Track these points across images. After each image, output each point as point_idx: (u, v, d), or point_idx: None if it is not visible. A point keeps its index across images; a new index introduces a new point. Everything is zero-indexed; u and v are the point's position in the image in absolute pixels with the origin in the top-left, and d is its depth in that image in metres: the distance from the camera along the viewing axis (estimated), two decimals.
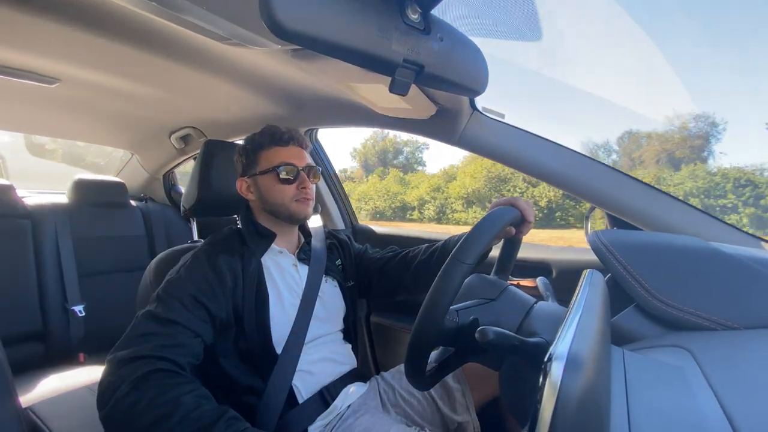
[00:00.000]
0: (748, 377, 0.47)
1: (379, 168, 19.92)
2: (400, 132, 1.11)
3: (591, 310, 0.41)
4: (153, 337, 0.67)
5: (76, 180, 1.66)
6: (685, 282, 0.64)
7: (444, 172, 17.81)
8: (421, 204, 16.52)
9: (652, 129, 17.60)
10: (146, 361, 0.63)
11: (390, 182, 18.04)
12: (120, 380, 0.61)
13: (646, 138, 15.75)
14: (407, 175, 18.69)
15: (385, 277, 1.01)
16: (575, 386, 0.30)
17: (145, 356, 0.64)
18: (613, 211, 0.85)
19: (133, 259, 1.69)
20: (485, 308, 0.62)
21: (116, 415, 0.60)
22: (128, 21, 0.77)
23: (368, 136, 22.79)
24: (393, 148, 21.14)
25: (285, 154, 0.87)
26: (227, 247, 0.84)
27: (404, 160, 21.12)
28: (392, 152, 21.14)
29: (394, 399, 0.91)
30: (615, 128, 32.58)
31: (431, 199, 16.44)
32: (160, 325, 0.69)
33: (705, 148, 15.49)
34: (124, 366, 0.63)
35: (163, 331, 0.68)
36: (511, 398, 0.58)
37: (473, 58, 0.61)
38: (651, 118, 14.96)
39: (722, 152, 15.90)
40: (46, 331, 1.42)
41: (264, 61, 0.94)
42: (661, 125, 18.64)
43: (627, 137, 15.82)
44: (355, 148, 21.16)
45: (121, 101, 1.28)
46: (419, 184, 17.39)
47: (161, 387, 0.61)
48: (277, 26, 0.39)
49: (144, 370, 0.62)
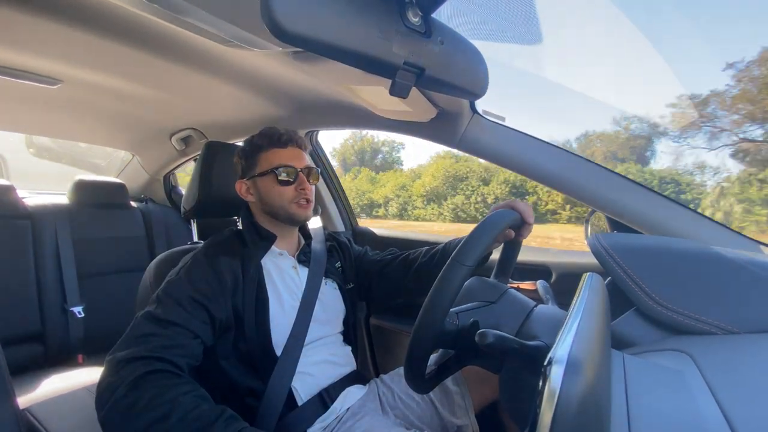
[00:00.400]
0: (748, 381, 0.47)
1: (354, 167, 20.23)
2: (390, 133, 1.11)
3: (591, 314, 0.41)
4: (152, 338, 0.67)
5: (76, 181, 1.67)
6: (685, 286, 0.64)
7: (411, 171, 18.77)
8: (386, 202, 17.38)
9: (602, 130, 18.47)
10: (145, 361, 0.63)
11: (361, 181, 18.71)
12: (119, 381, 0.61)
13: (599, 138, 16.40)
14: (379, 174, 19.29)
15: (385, 280, 1.00)
16: (575, 390, 0.30)
17: (143, 357, 0.64)
18: (613, 214, 0.85)
19: (132, 260, 1.69)
20: (485, 311, 0.62)
21: (115, 416, 0.60)
22: (130, 23, 0.77)
23: (348, 136, 23.11)
24: (370, 148, 21.41)
25: (284, 156, 0.87)
26: (227, 249, 0.84)
27: (382, 160, 21.35)
28: (370, 152, 21.34)
29: (393, 402, 0.90)
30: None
31: (395, 197, 17.33)
32: (160, 326, 0.69)
33: (648, 148, 16.54)
34: (122, 367, 0.63)
35: (162, 332, 0.68)
36: (511, 401, 0.58)
37: (474, 61, 0.61)
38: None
39: (663, 151, 16.92)
40: (44, 331, 1.41)
41: (265, 63, 0.94)
42: (609, 126, 19.64)
43: (583, 138, 16.50)
44: (335, 148, 21.41)
45: (123, 102, 1.29)
46: (387, 183, 18.15)
47: (159, 387, 0.61)
48: (278, 28, 0.40)
49: (142, 370, 0.62)
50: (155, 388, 0.61)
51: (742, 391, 0.44)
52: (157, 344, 0.66)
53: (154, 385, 0.61)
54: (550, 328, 0.56)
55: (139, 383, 0.61)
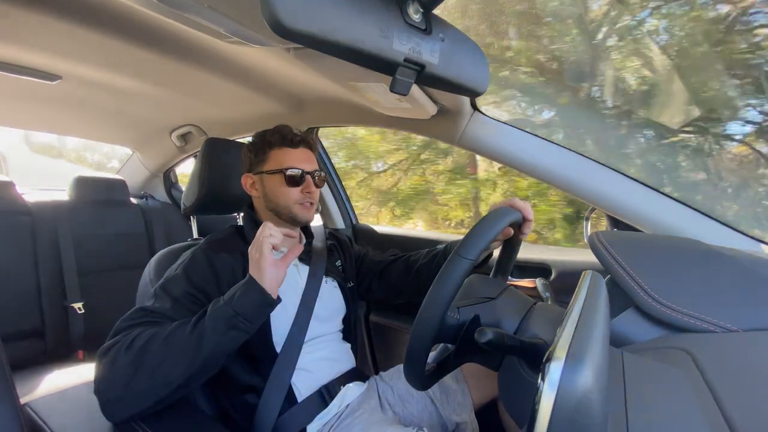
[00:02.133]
0: (747, 379, 0.47)
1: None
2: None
3: (590, 312, 0.41)
4: (140, 325, 0.68)
5: (76, 177, 1.67)
6: (685, 284, 0.64)
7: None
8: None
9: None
10: (128, 331, 0.66)
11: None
12: (109, 359, 0.63)
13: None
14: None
15: (385, 281, 1.01)
16: (574, 387, 0.30)
17: (127, 328, 0.67)
18: (613, 212, 0.85)
19: (132, 256, 1.69)
20: (485, 307, 0.62)
21: (114, 391, 0.62)
22: (130, 18, 0.77)
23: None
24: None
25: (294, 157, 0.87)
26: (227, 246, 0.84)
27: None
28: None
29: (392, 399, 0.91)
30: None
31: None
32: (151, 317, 0.70)
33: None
34: (108, 350, 0.65)
35: (152, 321, 0.69)
36: (510, 399, 0.58)
37: (474, 58, 0.61)
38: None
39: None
40: (45, 328, 1.42)
41: (265, 59, 0.94)
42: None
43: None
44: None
45: (123, 98, 1.28)
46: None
47: (147, 336, 0.64)
48: (279, 24, 0.39)
49: (128, 340, 0.64)
50: (141, 339, 0.64)
51: (741, 389, 0.44)
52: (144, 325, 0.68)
53: (145, 337, 0.65)
54: (549, 325, 0.56)
55: (132, 345, 0.63)
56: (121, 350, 0.63)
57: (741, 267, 0.62)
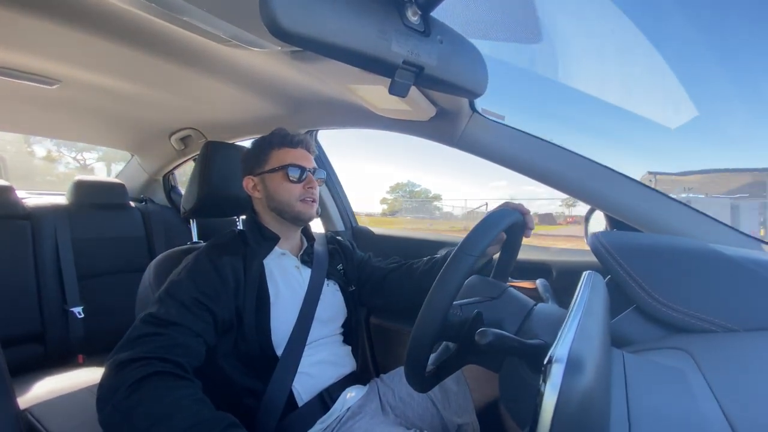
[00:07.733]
0: (747, 379, 0.47)
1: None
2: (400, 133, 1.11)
3: (591, 312, 0.41)
4: (154, 338, 0.67)
5: (75, 181, 1.67)
6: (685, 284, 0.64)
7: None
8: None
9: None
10: (146, 362, 0.63)
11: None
12: (119, 382, 0.61)
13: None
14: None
15: (387, 287, 1.01)
16: (575, 388, 0.30)
17: (144, 358, 0.64)
18: (613, 212, 0.85)
19: (132, 260, 1.69)
20: (487, 306, 0.62)
21: (116, 417, 0.60)
22: (128, 22, 0.77)
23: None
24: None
25: (294, 155, 0.89)
26: (230, 249, 0.84)
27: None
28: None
29: (393, 401, 0.90)
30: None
31: None
32: (161, 326, 0.69)
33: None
34: (123, 368, 0.63)
35: (163, 332, 0.68)
36: (511, 400, 0.58)
37: (473, 59, 0.61)
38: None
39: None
40: (44, 332, 1.41)
41: (264, 62, 0.94)
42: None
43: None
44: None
45: (121, 102, 1.29)
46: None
47: (160, 389, 0.61)
48: (277, 28, 0.39)
49: (143, 372, 0.62)
50: (156, 389, 0.61)
51: (741, 389, 0.44)
52: (158, 344, 0.66)
53: (155, 386, 0.61)
54: (550, 326, 0.55)
55: (140, 385, 0.60)
56: (137, 406, 0.59)
57: (741, 267, 0.62)
